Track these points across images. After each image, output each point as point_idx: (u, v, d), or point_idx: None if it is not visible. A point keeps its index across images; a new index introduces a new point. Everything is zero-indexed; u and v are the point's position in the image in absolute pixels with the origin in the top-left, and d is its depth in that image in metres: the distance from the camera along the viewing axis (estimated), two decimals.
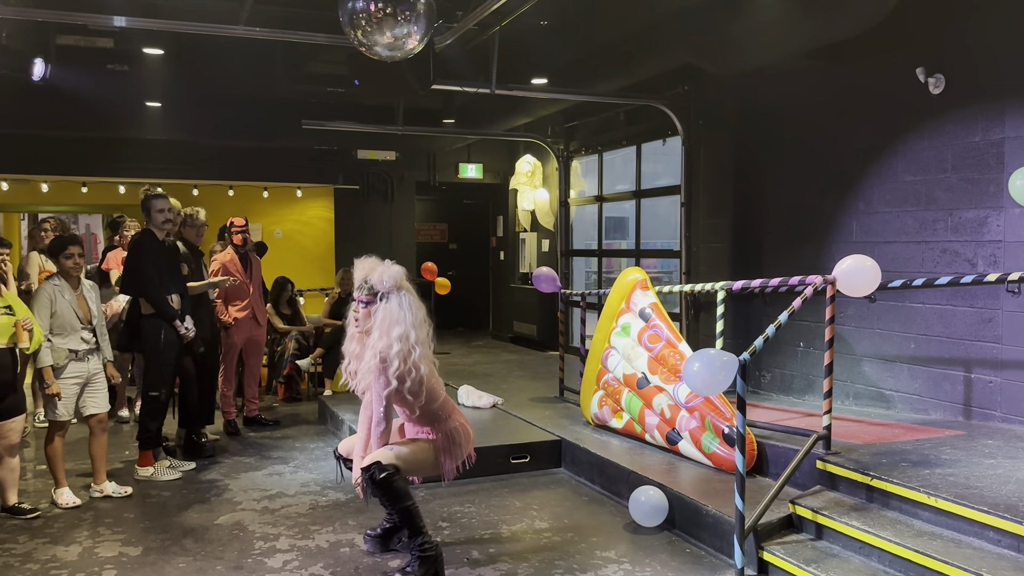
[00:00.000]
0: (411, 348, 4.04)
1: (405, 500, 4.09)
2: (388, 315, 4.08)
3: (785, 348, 7.10)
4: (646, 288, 6.08)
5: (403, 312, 4.09)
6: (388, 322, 4.06)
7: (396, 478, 4.05)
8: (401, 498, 4.08)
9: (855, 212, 6.46)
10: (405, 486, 4.12)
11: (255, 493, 5.48)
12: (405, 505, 4.10)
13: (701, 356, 3.99)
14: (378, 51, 4.64)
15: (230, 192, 11.83)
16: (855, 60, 6.34)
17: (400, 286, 4.17)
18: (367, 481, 4.07)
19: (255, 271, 7.30)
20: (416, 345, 4.06)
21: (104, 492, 5.37)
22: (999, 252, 5.41)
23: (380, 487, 4.04)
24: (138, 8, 6.73)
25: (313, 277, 11.66)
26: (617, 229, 11.36)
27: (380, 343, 4.03)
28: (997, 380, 5.42)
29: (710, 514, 4.48)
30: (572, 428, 6.34)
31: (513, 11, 6.36)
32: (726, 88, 7.66)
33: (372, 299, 4.16)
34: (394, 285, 4.15)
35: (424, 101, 9.28)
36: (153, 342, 5.76)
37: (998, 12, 5.38)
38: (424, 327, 4.15)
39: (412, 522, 4.12)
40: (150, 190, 6.02)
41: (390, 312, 4.09)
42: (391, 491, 4.06)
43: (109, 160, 10.70)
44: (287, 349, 8.68)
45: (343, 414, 6.92)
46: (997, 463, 4.43)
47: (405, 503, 4.09)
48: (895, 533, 3.91)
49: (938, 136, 5.79)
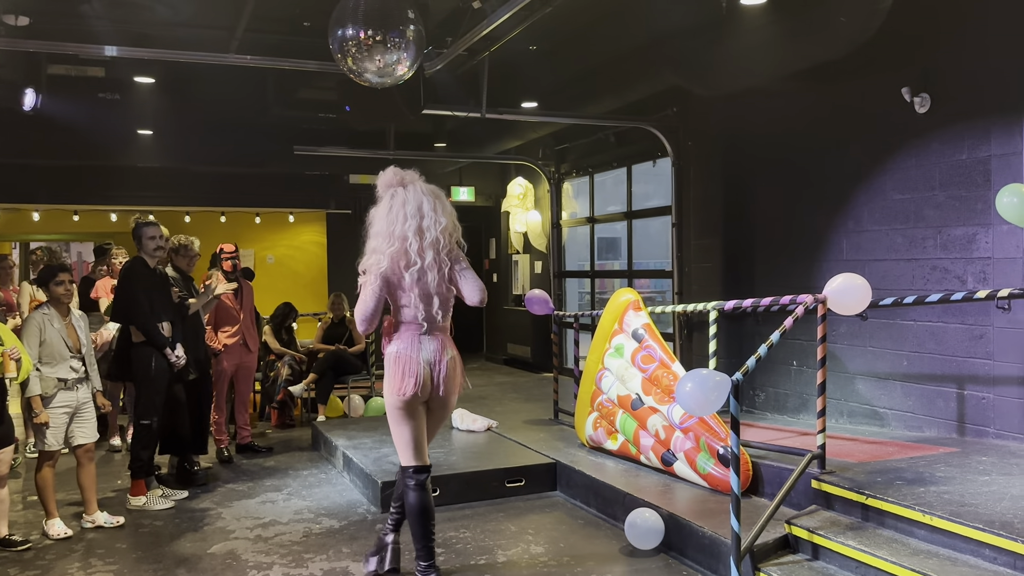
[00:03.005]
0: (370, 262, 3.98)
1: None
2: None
3: (778, 367, 7.11)
4: (639, 309, 6.08)
5: (375, 218, 4.02)
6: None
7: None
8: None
9: (845, 230, 6.49)
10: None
11: (248, 521, 5.44)
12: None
13: (694, 376, 3.99)
14: (368, 78, 4.68)
15: (222, 218, 11.85)
16: (842, 80, 6.41)
17: (391, 184, 4.03)
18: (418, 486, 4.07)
19: (246, 297, 7.28)
20: (374, 254, 3.97)
21: (96, 522, 5.32)
22: (988, 269, 5.43)
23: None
24: (129, 37, 6.78)
25: (306, 302, 11.65)
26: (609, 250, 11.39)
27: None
28: (990, 396, 5.43)
29: (706, 536, 4.46)
30: (567, 450, 6.32)
31: (502, 36, 6.42)
32: (715, 109, 7.72)
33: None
34: (385, 185, 4.04)
35: (415, 125, 9.34)
36: (144, 370, 5.73)
37: (981, 32, 5.45)
38: (403, 222, 3.93)
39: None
40: (141, 218, 6.02)
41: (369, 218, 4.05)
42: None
43: (101, 188, 10.73)
44: (280, 375, 8.65)
45: (336, 440, 6.88)
46: (992, 480, 4.42)
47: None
48: (891, 552, 3.89)
49: (925, 154, 5.84)
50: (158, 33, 7.26)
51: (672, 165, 8.22)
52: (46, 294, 5.33)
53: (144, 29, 7.20)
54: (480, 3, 5.80)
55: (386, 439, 6.87)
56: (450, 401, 4.22)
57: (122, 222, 11.12)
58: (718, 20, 6.27)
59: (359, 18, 4.59)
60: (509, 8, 5.42)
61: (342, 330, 9.11)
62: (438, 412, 4.24)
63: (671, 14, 6.56)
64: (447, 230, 4.04)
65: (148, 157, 10.25)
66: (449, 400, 4.20)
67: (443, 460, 6.14)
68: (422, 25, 4.97)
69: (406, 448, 4.12)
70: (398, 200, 4.01)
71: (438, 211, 4.02)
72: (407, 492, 4.11)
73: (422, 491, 4.09)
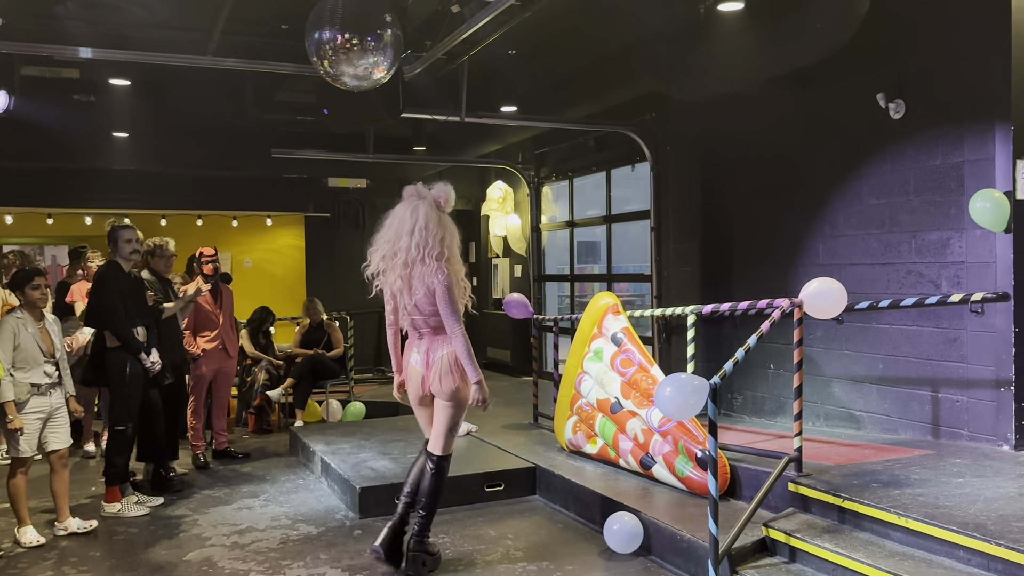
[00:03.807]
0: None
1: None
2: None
3: (756, 370, 7.15)
4: (618, 313, 6.10)
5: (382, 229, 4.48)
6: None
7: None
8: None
9: (821, 235, 6.55)
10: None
11: (224, 528, 5.39)
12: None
13: (672, 381, 4.01)
14: (345, 81, 4.66)
15: (199, 222, 11.74)
16: (818, 86, 6.47)
17: (405, 197, 4.51)
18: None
19: (225, 301, 7.23)
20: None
21: (69, 529, 5.25)
22: (962, 273, 5.50)
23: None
24: (104, 39, 6.71)
25: (284, 306, 11.55)
26: (589, 254, 11.41)
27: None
28: (964, 399, 5.49)
29: (684, 539, 4.47)
30: (546, 455, 6.31)
31: (481, 41, 6.42)
32: (693, 114, 7.76)
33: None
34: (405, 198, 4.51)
35: (394, 129, 9.31)
36: (118, 376, 5.67)
37: (954, 37, 5.52)
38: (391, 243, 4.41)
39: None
40: (117, 221, 5.96)
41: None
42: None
43: (75, 191, 10.60)
44: (257, 380, 8.59)
45: (314, 445, 6.84)
46: (966, 482, 4.47)
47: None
48: (867, 554, 3.92)
49: (900, 160, 5.90)
50: (134, 35, 7.18)
51: (651, 169, 8.25)
52: (20, 298, 5.26)
53: (119, 31, 7.12)
54: (459, 7, 5.79)
55: (364, 444, 6.85)
56: (444, 399, 4.44)
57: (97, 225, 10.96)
58: (696, 26, 6.31)
59: (336, 21, 4.57)
60: (488, 13, 5.42)
61: (320, 334, 9.07)
62: (438, 402, 4.50)
63: (650, 19, 6.59)
64: (416, 247, 4.36)
65: (124, 160, 10.14)
66: (445, 392, 4.42)
67: None
68: (400, 28, 4.96)
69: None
70: (386, 223, 4.50)
71: (412, 232, 4.36)
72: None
73: (420, 463, 4.64)
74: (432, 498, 4.50)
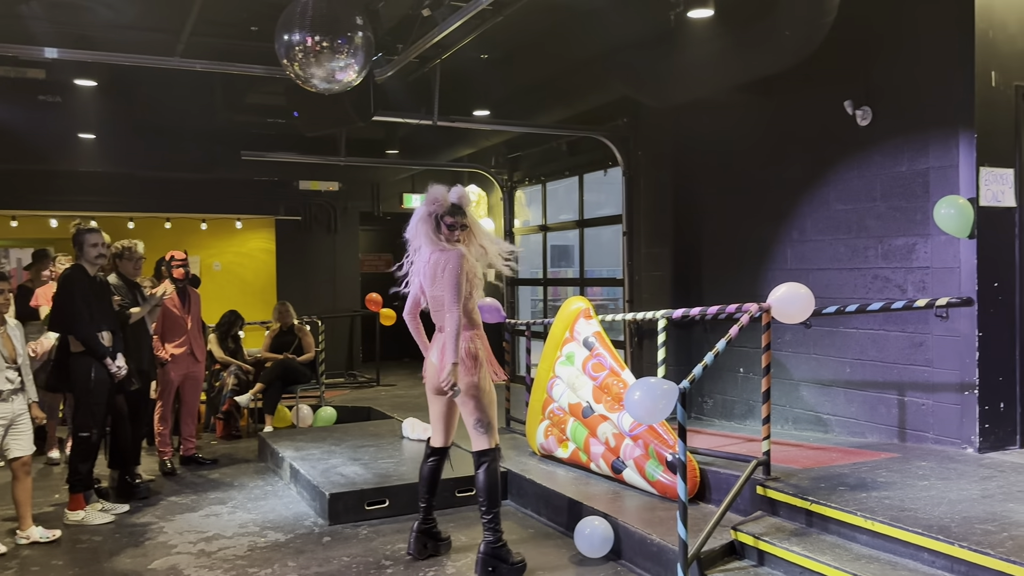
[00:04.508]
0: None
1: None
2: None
3: (726, 374, 7.20)
4: (589, 317, 6.11)
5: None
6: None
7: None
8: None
9: (789, 240, 6.61)
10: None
11: (191, 535, 5.31)
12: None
13: (642, 385, 4.02)
14: (315, 83, 4.63)
15: (167, 224, 11.60)
16: (786, 93, 6.53)
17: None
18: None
19: (193, 306, 7.14)
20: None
21: (31, 538, 5.14)
22: (927, 278, 5.58)
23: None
24: (70, 40, 6.61)
25: (254, 310, 11.43)
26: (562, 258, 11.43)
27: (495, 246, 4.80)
28: (929, 403, 5.57)
29: (654, 543, 4.48)
30: (518, 459, 6.31)
31: (453, 45, 6.42)
32: (665, 120, 7.81)
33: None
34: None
35: (367, 132, 9.27)
36: (83, 381, 5.57)
37: (919, 47, 5.60)
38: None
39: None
40: (82, 224, 5.86)
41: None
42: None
43: (41, 193, 10.43)
44: (226, 384, 8.49)
45: (284, 451, 6.77)
46: (931, 484, 4.53)
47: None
48: (834, 557, 3.96)
49: (867, 166, 5.98)
50: (100, 35, 7.09)
51: (623, 174, 8.29)
52: None
53: (86, 31, 7.03)
54: (430, 11, 5.78)
55: (334, 450, 6.80)
56: (461, 395, 4.54)
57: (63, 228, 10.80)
58: (667, 32, 6.35)
59: (306, 23, 4.54)
60: (459, 17, 5.42)
61: (291, 338, 8.98)
62: (455, 402, 4.66)
63: (621, 26, 6.62)
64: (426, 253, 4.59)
65: (90, 161, 9.98)
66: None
67: (392, 470, 6.09)
68: (371, 31, 4.94)
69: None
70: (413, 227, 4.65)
71: (419, 234, 4.59)
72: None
73: (427, 466, 4.86)
74: (487, 496, 4.56)
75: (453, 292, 4.43)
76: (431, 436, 4.89)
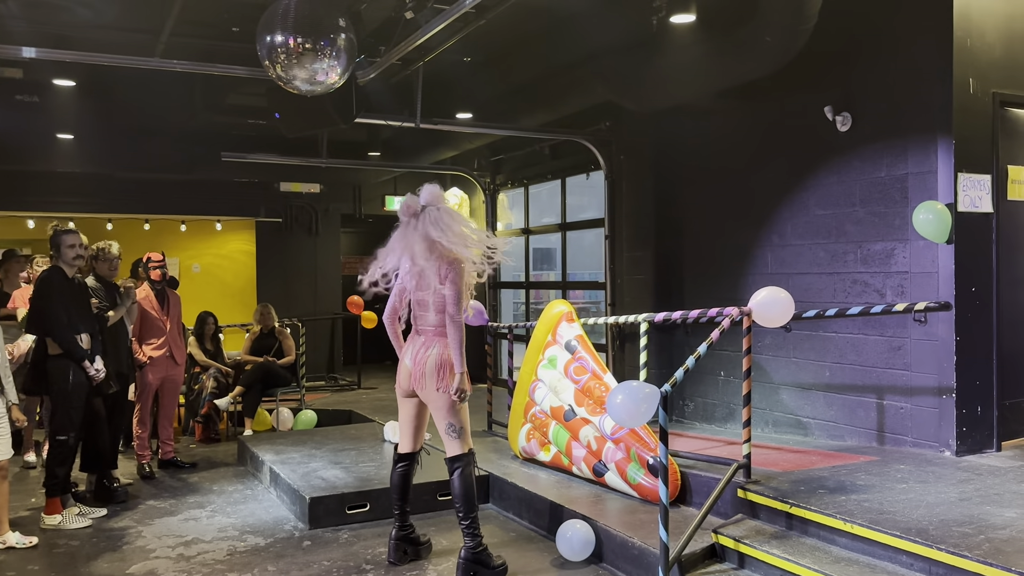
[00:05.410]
0: None
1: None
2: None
3: (707, 377, 7.23)
4: (572, 320, 6.12)
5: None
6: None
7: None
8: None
9: (770, 244, 6.66)
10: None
11: (170, 540, 5.26)
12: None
13: (624, 388, 4.03)
14: (297, 85, 4.61)
15: (146, 226, 11.50)
16: (767, 98, 6.58)
17: (405, 214, 4.54)
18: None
19: (172, 308, 7.08)
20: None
21: (7, 543, 5.07)
22: (906, 283, 5.64)
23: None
24: (48, 39, 6.53)
25: (233, 312, 11.36)
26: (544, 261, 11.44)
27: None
28: (907, 406, 5.62)
29: (635, 546, 4.49)
30: (500, 462, 6.30)
31: (435, 48, 6.40)
32: (646, 124, 7.84)
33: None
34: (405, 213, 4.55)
35: (349, 134, 9.23)
36: (61, 384, 5.51)
37: (898, 54, 5.67)
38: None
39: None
40: (59, 225, 5.79)
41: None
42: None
43: (17, 194, 10.30)
44: (205, 387, 8.42)
45: (263, 454, 6.73)
46: (909, 487, 4.57)
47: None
48: (814, 560, 3.99)
49: (846, 171, 6.03)
50: (79, 35, 7.01)
51: (605, 178, 8.31)
52: None
53: (64, 30, 6.95)
54: (413, 14, 5.76)
55: (314, 453, 6.76)
56: (431, 395, 4.55)
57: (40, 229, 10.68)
58: (649, 37, 6.38)
59: (288, 25, 4.52)
60: (442, 19, 5.41)
61: (271, 341, 8.93)
62: (429, 406, 4.64)
63: (604, 30, 6.64)
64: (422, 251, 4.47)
65: (68, 162, 9.88)
66: (429, 395, 4.56)
67: (374, 474, 6.06)
68: (354, 33, 4.92)
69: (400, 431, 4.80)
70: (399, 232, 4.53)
71: (413, 239, 4.47)
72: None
73: (397, 472, 4.79)
74: (463, 501, 4.52)
75: (454, 302, 4.45)
76: (399, 442, 4.86)
